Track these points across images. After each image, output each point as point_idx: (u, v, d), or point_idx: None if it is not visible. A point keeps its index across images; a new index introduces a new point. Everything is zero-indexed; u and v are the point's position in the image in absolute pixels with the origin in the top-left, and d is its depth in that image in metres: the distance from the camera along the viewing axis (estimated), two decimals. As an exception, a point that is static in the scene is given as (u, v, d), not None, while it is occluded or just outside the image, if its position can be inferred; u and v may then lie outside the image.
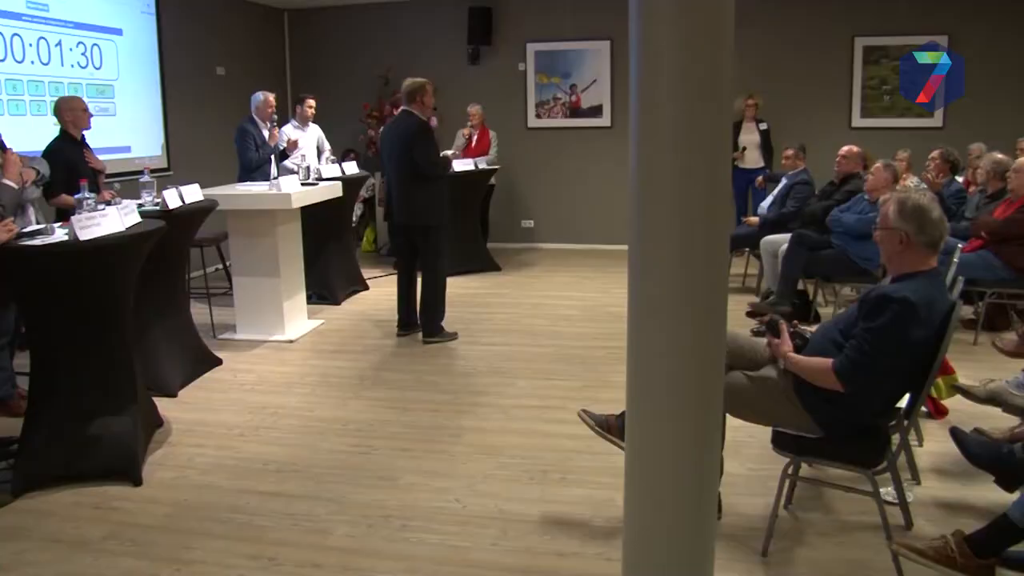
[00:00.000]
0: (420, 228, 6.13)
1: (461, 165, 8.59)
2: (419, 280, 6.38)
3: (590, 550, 3.27)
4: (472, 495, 3.76)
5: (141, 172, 5.45)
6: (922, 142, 8.70)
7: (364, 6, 10.63)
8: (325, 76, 10.70)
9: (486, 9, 10.32)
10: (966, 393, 4.09)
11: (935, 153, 7.52)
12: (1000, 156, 6.69)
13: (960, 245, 5.38)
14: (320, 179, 6.98)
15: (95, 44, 7.56)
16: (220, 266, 8.00)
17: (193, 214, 5.24)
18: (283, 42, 11.03)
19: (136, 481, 3.88)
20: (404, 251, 6.38)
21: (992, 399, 3.99)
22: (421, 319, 6.28)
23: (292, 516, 3.58)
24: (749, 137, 9.36)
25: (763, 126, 9.31)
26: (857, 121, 9.97)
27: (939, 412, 4.55)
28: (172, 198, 5.02)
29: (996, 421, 4.05)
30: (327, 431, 4.55)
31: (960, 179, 7.82)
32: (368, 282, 8.15)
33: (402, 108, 6.19)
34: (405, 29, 10.62)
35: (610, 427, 3.43)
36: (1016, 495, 2.89)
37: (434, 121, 10.26)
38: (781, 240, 6.74)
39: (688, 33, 1.97)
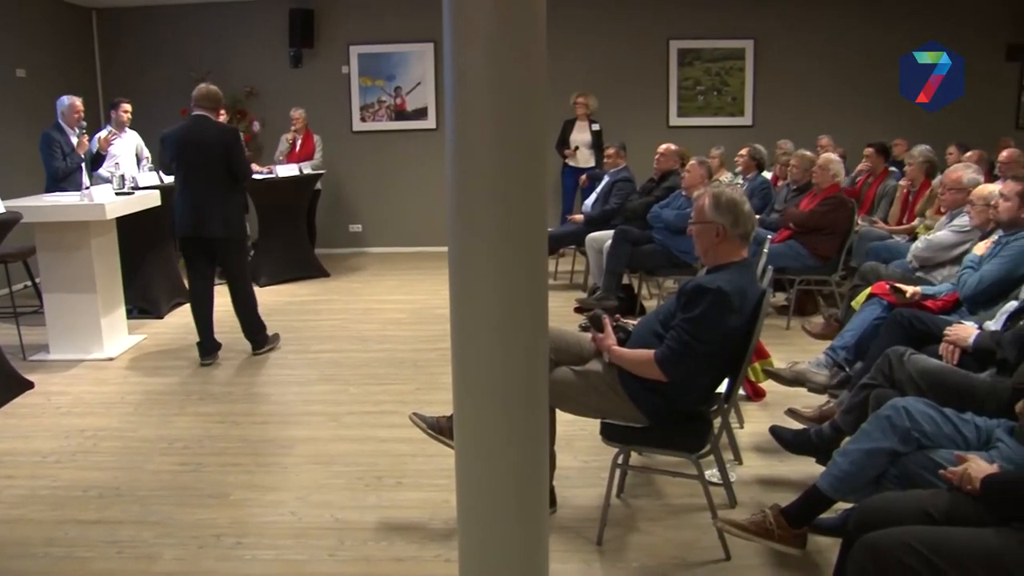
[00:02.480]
0: (234, 241, 5.77)
1: (285, 170, 8.45)
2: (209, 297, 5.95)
3: (428, 553, 3.27)
4: (306, 506, 3.69)
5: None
6: (734, 140, 9.19)
7: (179, 6, 10.23)
8: (140, 79, 10.19)
9: (307, 11, 10.15)
10: (775, 377, 4.34)
11: (743, 151, 8.00)
12: (808, 153, 7.16)
13: (769, 236, 5.71)
14: (136, 187, 6.68)
15: None
16: (28, 283, 7.53)
17: (-7, 229, 4.91)
18: (92, 43, 10.44)
19: (-64, 520, 3.59)
20: (202, 268, 5.83)
21: (797, 380, 4.27)
22: (249, 334, 5.99)
23: (116, 543, 3.40)
24: (581, 136, 9.55)
25: (595, 127, 9.54)
26: (674, 120, 10.41)
27: (757, 395, 4.80)
28: (-32, 212, 4.69)
29: (809, 400, 4.32)
30: (151, 451, 4.36)
31: (768, 174, 8.33)
32: (192, 293, 7.85)
33: (198, 113, 5.68)
34: (223, 30, 10.30)
35: (441, 429, 3.45)
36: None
37: (257, 126, 10.06)
38: (605, 236, 6.94)
39: (500, 35, 2.00)
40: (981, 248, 4.25)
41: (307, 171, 8.73)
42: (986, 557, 2.07)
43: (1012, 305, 3.63)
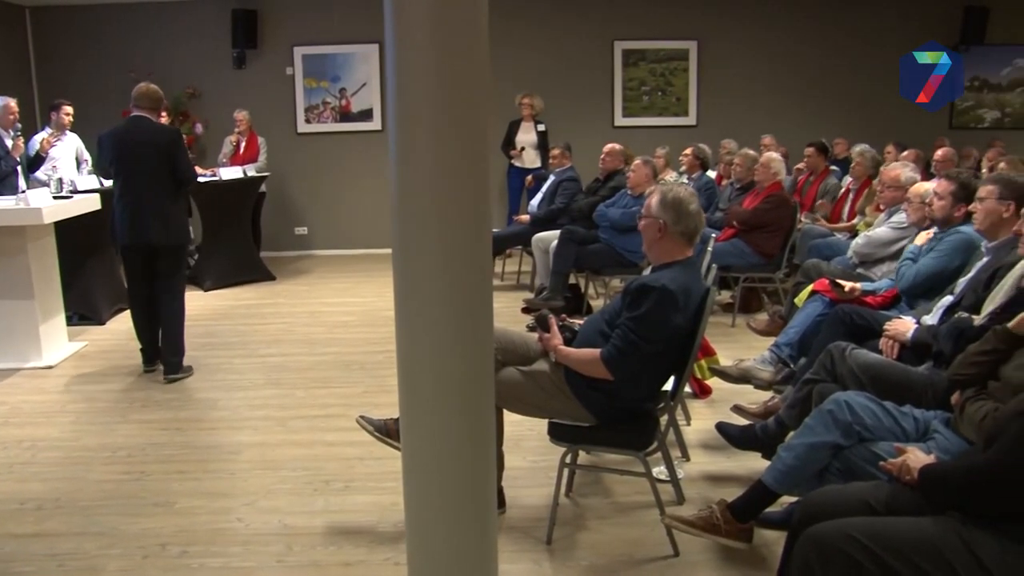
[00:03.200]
0: (174, 248, 5.51)
1: (229, 173, 8.34)
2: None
3: (377, 556, 3.26)
4: (254, 512, 3.65)
5: None
6: (679, 139, 9.29)
7: (117, 5, 10.04)
8: (77, 80, 9.96)
9: (250, 11, 10.03)
10: (721, 374, 4.40)
11: (688, 151, 8.10)
12: (751, 152, 7.27)
13: (714, 235, 5.77)
14: (75, 191, 6.54)
15: None
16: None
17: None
18: (26, 42, 10.19)
19: None
20: (141, 277, 5.61)
21: (743, 377, 4.32)
22: (168, 352, 5.55)
23: (56, 557, 3.32)
24: (526, 137, 9.58)
25: (541, 127, 9.58)
26: (619, 120, 10.50)
27: (703, 392, 4.84)
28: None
29: (755, 396, 4.39)
30: (94, 460, 4.26)
31: (712, 173, 8.44)
32: (134, 299, 7.70)
33: (137, 114, 5.40)
34: (164, 30, 10.12)
35: (389, 431, 3.43)
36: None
37: (200, 128, 9.92)
38: (552, 236, 6.96)
39: (442, 34, 2.00)
40: (922, 239, 4.36)
41: (251, 173, 8.62)
42: (924, 545, 2.12)
43: (948, 300, 3.71)
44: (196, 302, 5.84)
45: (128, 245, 5.49)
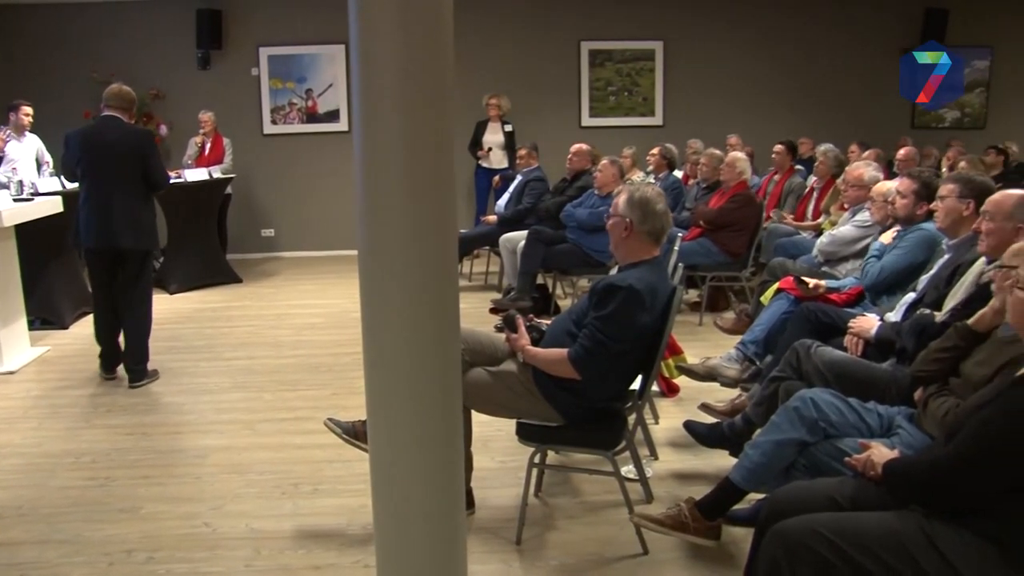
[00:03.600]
0: (143, 253, 5.39)
1: (194, 175, 8.26)
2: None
3: (347, 559, 3.24)
4: (221, 517, 3.62)
5: None
6: (645, 139, 9.34)
7: (79, 4, 9.88)
8: (37, 80, 9.77)
9: (215, 12, 9.94)
10: (688, 372, 4.43)
11: (654, 150, 8.14)
12: (717, 151, 7.32)
13: (681, 234, 5.80)
14: (36, 194, 6.45)
15: None
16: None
17: None
18: (-16, 41, 10.04)
19: None
20: (104, 281, 5.43)
21: (710, 375, 4.36)
22: (131, 361, 5.41)
23: (19, 566, 3.26)
24: (494, 137, 9.58)
25: (508, 127, 9.58)
26: (586, 120, 10.53)
27: (671, 390, 4.88)
28: None
29: (722, 394, 4.42)
30: (57, 466, 4.20)
31: (679, 173, 8.49)
32: (98, 302, 7.60)
33: (108, 114, 5.27)
34: (127, 30, 9.98)
35: (357, 433, 3.42)
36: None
37: (164, 129, 9.81)
38: (519, 237, 6.96)
39: (406, 34, 2.00)
40: (887, 237, 4.42)
41: (217, 175, 8.55)
42: (888, 539, 2.14)
43: (910, 297, 3.76)
44: (161, 305, 5.78)
45: (94, 248, 5.35)
